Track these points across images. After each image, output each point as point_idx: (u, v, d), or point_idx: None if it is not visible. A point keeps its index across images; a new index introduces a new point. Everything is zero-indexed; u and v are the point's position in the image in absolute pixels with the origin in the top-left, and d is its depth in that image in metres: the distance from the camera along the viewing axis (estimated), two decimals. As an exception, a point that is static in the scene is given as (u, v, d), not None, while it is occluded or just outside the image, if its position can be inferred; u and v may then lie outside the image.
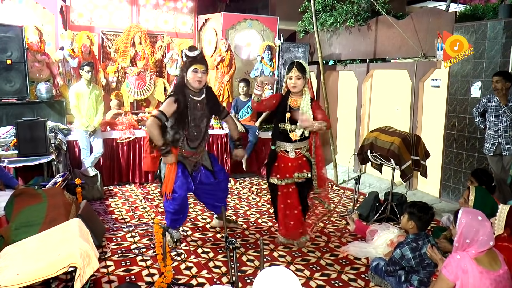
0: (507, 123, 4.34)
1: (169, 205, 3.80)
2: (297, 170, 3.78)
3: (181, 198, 3.74)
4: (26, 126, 4.52)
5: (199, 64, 3.67)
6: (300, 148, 3.80)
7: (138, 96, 6.69)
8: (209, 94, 3.87)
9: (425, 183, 5.65)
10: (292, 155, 3.78)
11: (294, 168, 3.78)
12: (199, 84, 3.68)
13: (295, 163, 3.78)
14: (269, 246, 3.96)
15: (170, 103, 3.61)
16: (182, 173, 3.75)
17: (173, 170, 3.71)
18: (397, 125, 4.96)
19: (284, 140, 3.78)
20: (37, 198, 3.55)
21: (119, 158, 5.84)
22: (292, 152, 3.79)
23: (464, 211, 2.47)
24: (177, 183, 3.72)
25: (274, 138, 3.88)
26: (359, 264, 3.64)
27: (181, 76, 3.78)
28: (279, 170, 3.80)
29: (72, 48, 6.07)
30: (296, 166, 3.78)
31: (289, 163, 3.78)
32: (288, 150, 3.79)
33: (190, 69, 3.67)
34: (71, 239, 2.62)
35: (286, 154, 3.79)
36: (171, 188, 3.70)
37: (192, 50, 3.70)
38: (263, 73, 7.05)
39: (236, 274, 2.71)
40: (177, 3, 7.19)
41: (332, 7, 7.09)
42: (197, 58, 3.69)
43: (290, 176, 3.78)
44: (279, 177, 3.79)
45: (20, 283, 2.26)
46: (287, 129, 3.74)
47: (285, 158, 3.79)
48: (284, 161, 3.79)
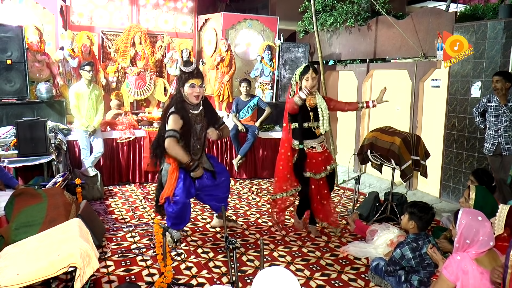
0: (507, 123, 4.34)
1: (169, 209, 3.80)
2: (326, 163, 4.12)
3: (182, 202, 3.74)
4: (26, 126, 4.51)
5: (195, 79, 3.65)
6: (323, 141, 4.15)
7: (138, 96, 6.70)
8: (206, 105, 3.89)
9: (425, 183, 5.65)
10: (319, 150, 4.10)
11: (323, 162, 4.11)
12: (197, 99, 3.70)
13: (323, 156, 4.11)
14: (269, 246, 3.96)
15: (177, 120, 3.59)
16: (184, 178, 3.74)
17: (175, 176, 3.72)
18: (397, 125, 4.96)
19: (309, 137, 4.06)
20: (37, 198, 3.55)
21: (119, 158, 5.84)
22: (318, 147, 4.09)
23: (464, 212, 2.47)
24: (178, 187, 3.72)
25: (300, 138, 4.06)
26: (359, 264, 3.64)
27: (178, 91, 3.74)
28: (312, 165, 4.07)
29: (72, 48, 6.07)
30: (324, 159, 4.11)
31: (319, 157, 4.09)
32: (315, 145, 4.09)
33: (186, 84, 3.64)
34: (71, 239, 2.62)
35: (314, 150, 4.08)
36: (172, 191, 3.71)
37: (187, 65, 3.67)
38: (263, 73, 7.06)
39: (236, 274, 2.71)
40: (177, 3, 7.19)
41: (332, 7, 7.09)
42: (193, 73, 3.66)
43: (323, 170, 4.10)
44: (314, 172, 4.07)
45: (20, 283, 2.26)
46: (311, 126, 4.03)
47: (314, 154, 4.08)
48: (314, 157, 4.07)
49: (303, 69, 3.97)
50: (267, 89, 7.11)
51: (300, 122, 4.01)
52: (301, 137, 4.03)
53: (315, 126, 4.03)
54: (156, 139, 3.84)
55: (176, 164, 3.73)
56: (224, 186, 4.14)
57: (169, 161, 3.76)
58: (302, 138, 4.03)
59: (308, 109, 4.01)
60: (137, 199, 5.31)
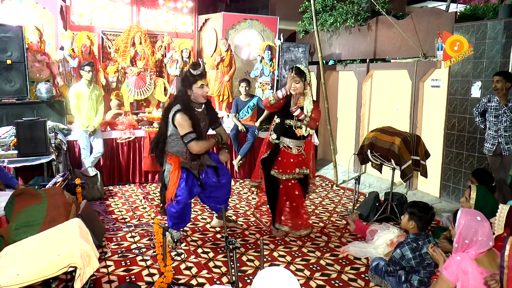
0: (507, 123, 4.34)
1: (171, 208, 3.81)
2: (298, 166, 4.01)
3: (184, 202, 3.76)
4: (26, 126, 4.51)
5: (204, 79, 3.71)
6: (300, 146, 4.03)
7: (138, 96, 6.70)
8: (208, 103, 3.94)
9: (425, 183, 5.65)
10: (295, 152, 4.01)
11: (295, 164, 4.01)
12: (205, 98, 3.77)
13: (296, 159, 4.01)
14: (269, 246, 3.96)
15: (187, 119, 3.60)
16: (186, 178, 3.75)
17: (177, 177, 3.73)
18: (397, 125, 4.96)
19: (288, 136, 3.98)
20: (37, 198, 3.55)
21: (119, 158, 5.84)
22: (294, 149, 4.01)
23: (463, 212, 2.47)
24: (180, 187, 3.73)
25: (278, 133, 4.01)
26: (359, 264, 3.64)
27: (184, 92, 3.73)
28: (281, 164, 3.99)
29: (72, 48, 6.07)
30: (297, 162, 4.02)
31: (291, 159, 4.00)
32: (291, 146, 4.00)
33: (195, 85, 3.67)
34: (71, 239, 2.62)
35: (289, 150, 4.00)
36: (174, 192, 3.72)
37: (196, 68, 3.70)
38: (263, 73, 7.05)
39: (236, 274, 2.71)
40: (177, 3, 7.19)
41: (332, 7, 7.09)
42: (202, 74, 3.70)
43: (291, 172, 3.99)
44: (280, 171, 3.99)
45: (20, 283, 2.26)
46: (293, 125, 3.93)
47: (287, 154, 4.00)
48: (286, 157, 4.00)
49: (288, 71, 3.94)
50: (267, 89, 7.11)
51: (283, 118, 3.97)
52: (280, 133, 3.99)
53: (296, 126, 3.92)
54: (155, 138, 3.84)
55: (177, 164, 3.74)
56: (225, 187, 4.15)
57: (170, 162, 3.77)
58: (280, 134, 3.99)
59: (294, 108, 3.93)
60: (137, 199, 5.31)
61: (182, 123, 3.58)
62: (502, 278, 2.17)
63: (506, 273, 2.12)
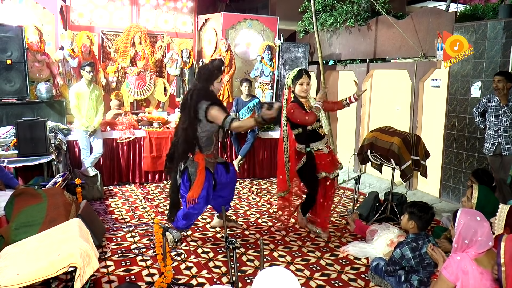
0: (507, 123, 4.34)
1: (191, 210, 3.80)
2: (334, 164, 4.12)
3: (204, 201, 3.81)
4: (26, 126, 4.52)
5: (222, 74, 3.85)
6: (327, 142, 4.13)
7: (138, 96, 6.70)
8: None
9: (425, 183, 5.65)
10: (326, 151, 4.08)
11: (332, 163, 4.10)
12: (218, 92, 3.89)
13: (330, 157, 4.10)
14: (269, 246, 3.96)
15: (219, 109, 3.64)
16: (208, 186, 3.77)
17: (202, 178, 3.72)
18: (397, 125, 4.95)
19: (315, 139, 4.03)
20: (37, 198, 3.55)
21: (119, 158, 5.84)
22: (325, 148, 4.08)
23: (463, 212, 2.47)
24: (202, 194, 3.73)
25: (305, 141, 4.03)
26: (359, 264, 3.64)
27: (207, 87, 3.72)
28: (322, 166, 4.04)
29: (72, 48, 6.07)
30: (332, 160, 4.11)
31: (327, 158, 4.08)
32: (321, 147, 4.07)
33: (216, 80, 3.75)
34: (71, 239, 2.62)
35: (321, 152, 4.06)
36: (198, 194, 3.71)
37: (223, 64, 3.85)
38: (263, 73, 7.06)
39: (236, 274, 2.71)
40: (177, 3, 7.19)
41: (332, 7, 7.09)
42: (222, 69, 3.83)
43: (331, 171, 4.07)
44: (327, 171, 4.04)
45: (20, 283, 2.27)
46: (315, 127, 4.01)
47: (322, 156, 4.06)
48: (322, 158, 4.05)
49: (296, 73, 3.95)
50: (267, 89, 7.11)
51: (304, 127, 3.98)
52: (307, 141, 4.02)
53: (318, 127, 4.02)
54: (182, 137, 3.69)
55: (203, 164, 3.73)
56: (231, 187, 4.19)
57: (197, 159, 3.75)
58: (308, 142, 4.02)
59: (307, 112, 3.98)
60: (137, 199, 5.30)
61: (218, 114, 3.62)
62: (501, 276, 2.17)
63: (503, 271, 2.12)
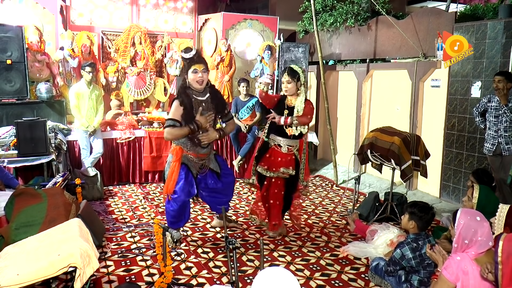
0: (507, 123, 4.34)
1: (169, 207, 3.80)
2: (284, 165, 3.98)
3: (181, 201, 3.73)
4: (26, 126, 4.52)
5: (197, 64, 3.63)
6: (292, 146, 4.02)
7: (138, 96, 6.70)
8: (213, 92, 3.83)
9: (425, 183, 5.65)
10: (284, 150, 4.00)
11: (282, 163, 3.99)
12: (201, 84, 3.65)
13: (284, 158, 4.00)
14: (269, 246, 3.96)
15: (177, 107, 3.59)
16: (185, 176, 3.70)
17: (176, 170, 3.68)
18: (397, 125, 4.96)
19: (279, 134, 4.00)
20: (37, 198, 3.55)
21: (119, 158, 5.84)
22: (284, 147, 4.01)
23: (463, 212, 2.47)
24: (178, 185, 3.69)
25: (270, 131, 4.05)
26: (359, 264, 3.64)
27: (183, 78, 3.75)
28: (268, 161, 4.02)
29: (72, 48, 6.07)
30: (284, 161, 4.00)
31: (279, 157, 4.00)
32: (282, 145, 4.01)
33: (189, 70, 3.63)
34: (71, 239, 2.62)
35: (279, 149, 4.02)
36: (172, 189, 3.69)
37: (187, 52, 3.66)
38: (263, 73, 7.04)
39: (236, 274, 2.71)
40: (177, 3, 7.19)
41: (332, 7, 7.09)
42: (193, 58, 3.64)
43: (276, 170, 3.98)
44: (266, 168, 4.00)
45: (20, 283, 2.27)
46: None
47: (276, 152, 4.02)
48: (275, 155, 4.01)
49: (282, 71, 4.04)
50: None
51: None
52: (271, 131, 4.03)
53: (287, 125, 3.94)
54: None
55: (179, 156, 3.69)
56: (228, 189, 4.10)
57: (172, 153, 3.73)
58: (270, 131, 4.04)
59: (285, 107, 3.98)
60: (137, 199, 5.30)
61: (172, 109, 3.59)
62: (497, 274, 2.17)
63: (500, 269, 2.12)
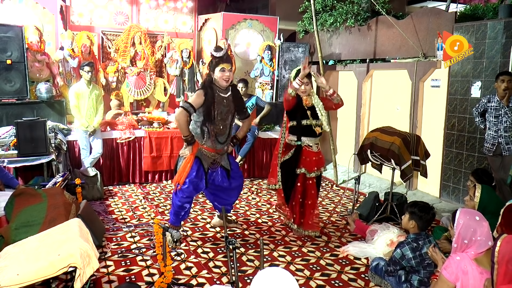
0: (507, 124, 4.33)
1: (176, 197, 3.88)
2: (319, 165, 4.13)
3: (190, 191, 3.84)
4: (26, 126, 4.52)
5: (225, 63, 3.77)
6: (318, 143, 4.17)
7: (138, 96, 6.70)
8: (235, 91, 3.97)
9: (425, 183, 5.65)
10: (315, 150, 4.12)
11: (316, 162, 4.12)
12: (227, 82, 3.79)
13: (316, 157, 4.13)
14: (269, 246, 3.96)
15: (200, 95, 3.71)
16: (197, 170, 3.83)
17: (189, 163, 3.81)
18: (397, 125, 4.95)
19: (308, 135, 4.07)
20: (37, 198, 3.55)
21: (119, 158, 5.84)
22: (314, 147, 4.12)
23: (462, 212, 2.47)
24: (189, 177, 3.80)
25: (298, 134, 4.08)
26: (359, 264, 3.64)
27: (209, 75, 3.86)
28: (306, 163, 4.08)
29: (72, 48, 6.07)
30: (317, 160, 4.14)
31: (314, 157, 4.11)
32: (312, 144, 4.10)
33: (217, 68, 3.74)
34: (71, 239, 2.62)
35: (310, 149, 4.10)
36: (184, 179, 3.79)
37: (218, 50, 3.78)
38: (263, 73, 7.05)
39: (236, 274, 2.71)
40: (177, 3, 7.19)
41: (332, 7, 7.09)
42: (223, 57, 3.77)
43: (313, 170, 4.10)
44: (307, 169, 4.07)
45: (20, 283, 2.26)
46: (311, 124, 4.04)
47: (310, 153, 4.10)
48: (309, 155, 4.09)
49: (296, 72, 4.05)
50: (267, 89, 7.11)
51: (299, 120, 4.05)
52: (300, 134, 4.07)
53: (315, 124, 4.05)
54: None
55: (194, 149, 3.82)
56: (235, 191, 4.20)
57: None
58: (300, 135, 4.07)
59: (305, 108, 4.05)
60: (137, 199, 5.30)
61: (194, 96, 3.73)
62: (493, 273, 2.17)
63: (496, 268, 2.13)
